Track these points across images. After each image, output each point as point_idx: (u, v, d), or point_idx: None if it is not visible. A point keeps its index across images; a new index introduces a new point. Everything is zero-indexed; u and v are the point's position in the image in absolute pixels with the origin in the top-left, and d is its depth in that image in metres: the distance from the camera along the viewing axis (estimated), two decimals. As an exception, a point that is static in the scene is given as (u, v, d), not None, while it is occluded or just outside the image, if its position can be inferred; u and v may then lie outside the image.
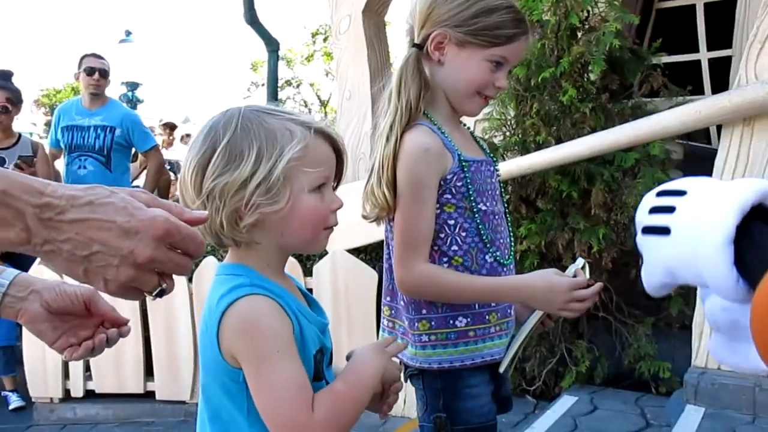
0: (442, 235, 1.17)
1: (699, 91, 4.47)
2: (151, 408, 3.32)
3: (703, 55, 4.96)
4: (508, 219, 1.28)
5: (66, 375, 3.39)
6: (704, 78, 4.86)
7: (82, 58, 4.04)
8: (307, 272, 3.26)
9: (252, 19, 4.64)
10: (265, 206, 0.89)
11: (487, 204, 1.20)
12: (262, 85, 10.79)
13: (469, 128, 1.33)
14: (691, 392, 2.34)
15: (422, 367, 1.19)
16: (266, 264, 0.96)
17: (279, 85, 9.44)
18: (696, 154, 3.37)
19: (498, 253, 1.20)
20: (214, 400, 0.94)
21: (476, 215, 1.18)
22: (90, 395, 3.39)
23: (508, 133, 2.97)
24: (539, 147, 2.77)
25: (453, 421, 1.17)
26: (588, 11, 2.96)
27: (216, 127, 0.92)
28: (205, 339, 0.92)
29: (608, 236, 2.70)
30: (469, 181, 1.17)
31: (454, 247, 1.17)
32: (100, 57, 4.08)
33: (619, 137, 2.40)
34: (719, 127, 2.62)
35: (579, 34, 2.99)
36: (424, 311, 1.20)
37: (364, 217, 1.24)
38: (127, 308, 3.26)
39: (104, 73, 3.97)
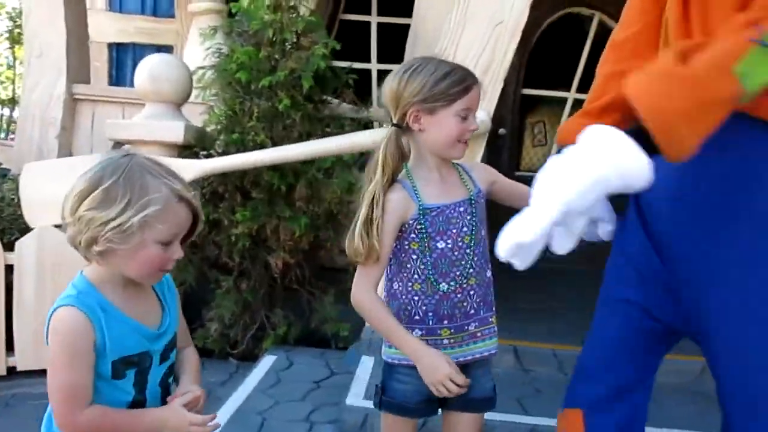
0: (408, 266, 1.48)
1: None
2: None
3: (374, 66, 6.02)
4: (478, 243, 1.49)
5: None
6: (373, 87, 5.90)
7: None
8: (8, 247, 3.13)
9: None
10: (115, 243, 1.14)
11: (448, 241, 1.47)
12: None
13: (459, 168, 1.56)
14: (366, 346, 3.08)
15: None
16: (108, 281, 1.21)
17: None
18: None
19: (452, 283, 1.48)
20: None
21: (433, 253, 1.47)
22: None
23: (228, 127, 3.33)
24: (256, 146, 3.20)
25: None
26: (298, 31, 3.47)
27: (105, 169, 1.14)
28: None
29: (308, 224, 3.29)
30: (427, 225, 1.46)
31: (415, 276, 1.48)
32: None
33: (325, 147, 2.98)
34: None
35: (288, 47, 3.48)
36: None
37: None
38: None
39: None
